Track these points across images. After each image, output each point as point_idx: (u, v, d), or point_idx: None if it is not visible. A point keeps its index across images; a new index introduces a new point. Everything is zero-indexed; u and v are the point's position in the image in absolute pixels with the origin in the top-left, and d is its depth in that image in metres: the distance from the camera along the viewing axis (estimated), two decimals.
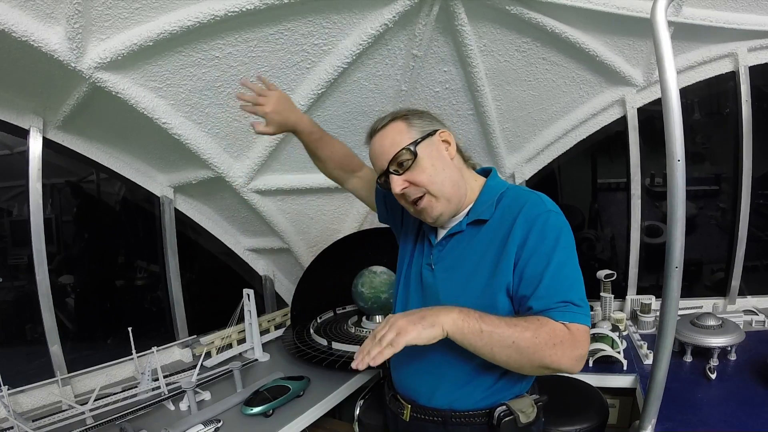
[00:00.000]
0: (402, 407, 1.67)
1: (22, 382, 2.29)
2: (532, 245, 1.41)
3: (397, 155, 1.50)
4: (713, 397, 2.14)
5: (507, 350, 1.30)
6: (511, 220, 1.46)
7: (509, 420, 1.49)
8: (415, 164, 1.50)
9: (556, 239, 1.41)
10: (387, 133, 1.56)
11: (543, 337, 1.29)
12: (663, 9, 1.46)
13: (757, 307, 3.06)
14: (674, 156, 1.47)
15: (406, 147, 1.50)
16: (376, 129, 1.60)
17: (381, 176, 1.58)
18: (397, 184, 1.50)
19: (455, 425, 1.55)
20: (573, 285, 1.39)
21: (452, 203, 1.55)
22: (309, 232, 3.41)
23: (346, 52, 2.33)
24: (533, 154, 3.32)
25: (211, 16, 1.98)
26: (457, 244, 1.58)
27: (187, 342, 3.03)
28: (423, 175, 1.50)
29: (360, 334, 2.93)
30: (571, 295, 1.36)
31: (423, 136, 1.53)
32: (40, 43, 1.85)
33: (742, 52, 2.85)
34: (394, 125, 1.56)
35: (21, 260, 2.45)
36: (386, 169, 1.52)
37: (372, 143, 1.60)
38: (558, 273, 1.37)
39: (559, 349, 1.30)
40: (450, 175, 1.54)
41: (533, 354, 1.30)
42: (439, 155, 1.55)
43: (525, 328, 1.30)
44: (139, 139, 2.63)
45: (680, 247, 1.51)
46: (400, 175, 1.50)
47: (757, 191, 3.02)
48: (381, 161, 1.55)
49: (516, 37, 2.48)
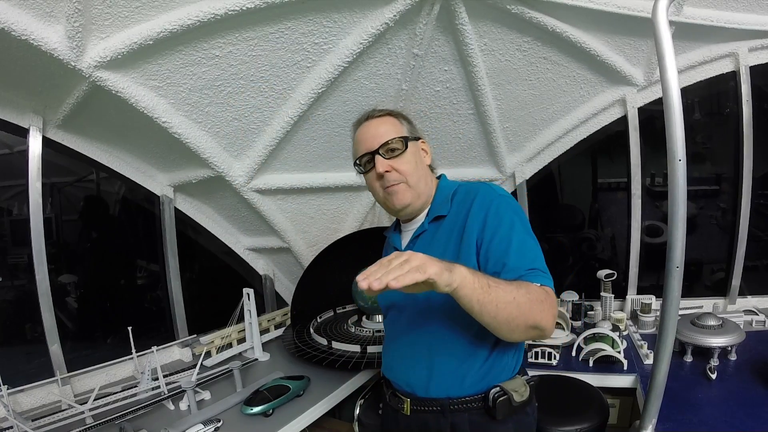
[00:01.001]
0: (402, 402, 1.72)
1: (21, 382, 2.29)
2: (492, 228, 1.52)
3: (391, 141, 1.65)
4: (713, 397, 2.14)
5: (509, 307, 1.33)
6: (466, 210, 1.60)
7: (504, 400, 1.56)
8: (402, 155, 1.66)
9: (511, 219, 1.53)
10: (383, 121, 1.71)
11: (534, 294, 1.38)
12: (664, 8, 1.45)
13: (757, 307, 3.06)
14: (675, 156, 1.47)
15: (401, 137, 1.67)
16: (371, 116, 1.74)
17: (364, 156, 1.69)
18: (382, 164, 1.64)
19: (454, 412, 1.61)
20: (537, 256, 1.50)
21: (420, 199, 1.71)
22: (309, 231, 3.41)
23: (346, 50, 2.32)
24: (534, 154, 3.32)
25: (212, 14, 1.98)
26: (422, 242, 1.71)
27: (187, 341, 3.03)
28: (407, 165, 1.66)
29: (360, 333, 2.93)
30: (537, 263, 1.47)
31: (412, 137, 1.71)
32: (39, 41, 1.84)
33: (742, 51, 2.85)
34: (389, 118, 1.72)
35: (21, 259, 2.45)
36: (376, 150, 1.64)
37: (365, 126, 1.73)
38: (521, 247, 1.48)
39: (545, 306, 1.40)
40: (424, 175, 1.72)
41: (528, 311, 1.36)
42: (420, 157, 1.73)
43: (518, 285, 1.37)
44: (138, 138, 2.62)
45: (681, 247, 1.51)
46: (387, 159, 1.64)
47: (757, 191, 3.03)
48: (371, 142, 1.67)
49: (517, 37, 2.48)
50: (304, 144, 2.82)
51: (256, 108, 2.52)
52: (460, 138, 3.04)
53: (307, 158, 2.92)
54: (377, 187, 1.71)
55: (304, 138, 2.77)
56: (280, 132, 2.63)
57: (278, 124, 2.61)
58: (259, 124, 2.61)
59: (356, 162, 1.73)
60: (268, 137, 2.66)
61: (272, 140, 2.67)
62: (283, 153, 2.82)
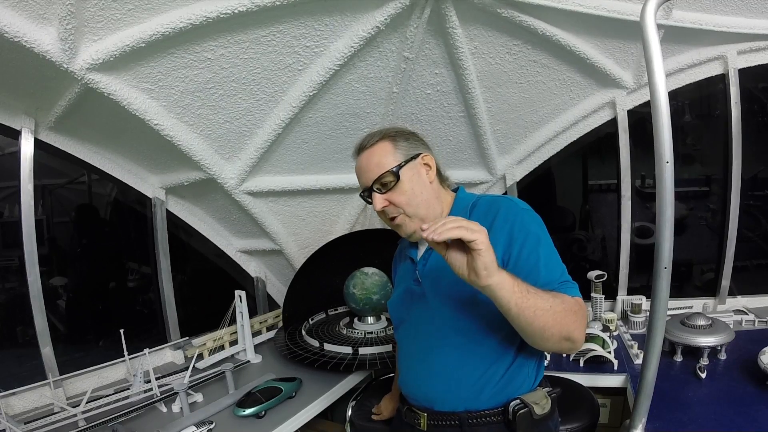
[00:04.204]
0: (418, 417, 1.69)
1: (13, 385, 2.29)
2: (519, 243, 1.50)
3: (381, 176, 1.62)
4: (703, 396, 2.15)
5: (545, 315, 1.33)
6: (489, 223, 1.53)
7: (524, 412, 1.52)
8: (396, 186, 1.63)
9: (537, 234, 1.53)
10: (374, 151, 1.67)
11: (568, 305, 1.38)
12: (652, 12, 1.47)
13: (746, 307, 3.09)
14: (663, 158, 1.49)
15: (390, 170, 1.62)
16: (364, 146, 1.71)
17: (364, 191, 1.70)
18: (378, 202, 1.64)
19: (472, 426, 1.58)
20: (563, 269, 1.51)
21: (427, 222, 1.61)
22: (301, 233, 3.41)
23: (337, 54, 2.33)
24: (524, 156, 3.33)
25: (203, 17, 1.98)
26: (439, 254, 1.63)
27: (179, 344, 3.03)
28: (402, 197, 1.63)
29: (352, 335, 2.94)
30: (565, 276, 1.49)
31: (407, 159, 1.66)
32: (32, 43, 1.84)
33: (731, 54, 2.88)
34: (381, 145, 1.68)
35: (12, 262, 2.44)
36: (370, 187, 1.65)
37: (359, 159, 1.72)
38: (549, 262, 1.49)
39: (578, 317, 1.40)
40: (426, 198, 1.67)
41: (563, 320, 1.36)
42: (419, 179, 1.67)
43: (554, 295, 1.37)
44: (130, 140, 2.62)
45: (669, 248, 1.52)
46: (383, 194, 1.64)
47: (746, 192, 3.05)
48: (366, 178, 1.67)
49: (507, 40, 2.49)
50: (296, 146, 2.82)
51: (247, 111, 2.52)
52: (451, 140, 3.05)
53: (299, 161, 2.92)
54: (383, 218, 1.73)
55: (295, 140, 2.78)
56: (271, 134, 2.63)
57: (270, 127, 2.61)
58: (251, 126, 2.61)
59: (361, 195, 1.74)
60: (260, 140, 2.66)
61: (264, 143, 2.68)
62: (275, 155, 2.82)
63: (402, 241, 1.96)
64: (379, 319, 3.07)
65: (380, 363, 2.54)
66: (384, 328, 2.97)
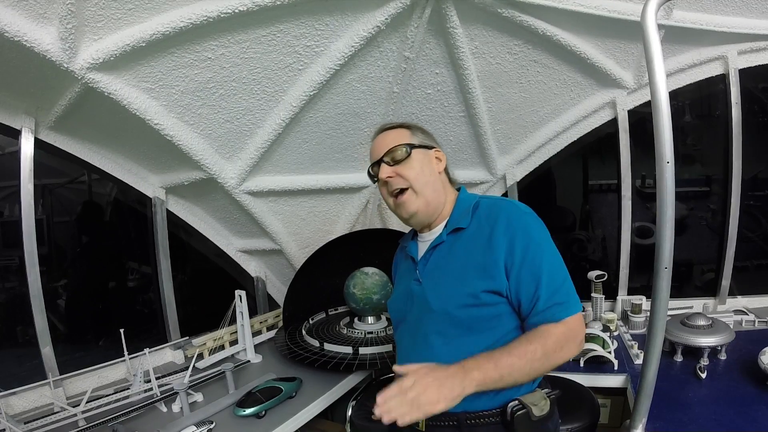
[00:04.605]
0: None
1: (13, 385, 2.28)
2: (521, 250, 1.52)
3: (393, 148, 1.69)
4: (703, 397, 2.15)
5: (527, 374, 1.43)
6: (490, 226, 1.59)
7: (522, 414, 1.52)
8: (406, 161, 1.68)
9: (539, 240, 1.55)
10: (391, 132, 1.76)
11: (550, 346, 1.43)
12: (653, 12, 1.47)
13: (747, 307, 3.09)
14: (663, 158, 1.49)
15: (404, 144, 1.69)
16: (383, 128, 1.80)
17: (374, 165, 1.75)
18: (385, 171, 1.69)
19: (470, 427, 1.57)
20: (565, 276, 1.54)
21: (430, 207, 1.71)
22: (301, 233, 3.41)
23: (338, 54, 2.33)
24: (524, 156, 3.33)
25: (204, 17, 1.98)
26: (440, 254, 1.70)
27: (179, 343, 3.02)
28: (411, 171, 1.68)
29: (352, 335, 2.93)
30: (566, 285, 1.52)
31: (421, 145, 1.73)
32: (32, 43, 1.84)
33: (732, 55, 2.88)
34: (400, 130, 1.76)
35: (12, 261, 2.44)
36: (380, 158, 1.70)
37: (376, 139, 1.79)
38: (551, 270, 1.51)
39: (566, 348, 1.46)
40: (433, 183, 1.72)
41: (547, 363, 1.44)
42: (429, 164, 1.74)
43: (534, 349, 1.42)
44: (131, 140, 2.62)
45: (669, 248, 1.52)
46: (391, 166, 1.69)
47: (746, 192, 3.05)
48: (378, 151, 1.73)
49: (507, 40, 2.50)
50: (296, 146, 2.82)
51: (248, 110, 2.52)
52: (452, 140, 3.05)
53: (299, 160, 2.92)
54: (386, 196, 1.76)
55: (295, 140, 2.77)
56: (272, 134, 2.63)
57: (270, 127, 2.61)
58: (251, 126, 2.61)
59: (369, 172, 1.79)
60: (260, 139, 2.66)
61: (264, 142, 2.67)
62: (275, 155, 2.82)
63: (403, 239, 1.97)
64: (379, 319, 3.06)
65: (380, 363, 2.54)
66: (384, 328, 2.96)
